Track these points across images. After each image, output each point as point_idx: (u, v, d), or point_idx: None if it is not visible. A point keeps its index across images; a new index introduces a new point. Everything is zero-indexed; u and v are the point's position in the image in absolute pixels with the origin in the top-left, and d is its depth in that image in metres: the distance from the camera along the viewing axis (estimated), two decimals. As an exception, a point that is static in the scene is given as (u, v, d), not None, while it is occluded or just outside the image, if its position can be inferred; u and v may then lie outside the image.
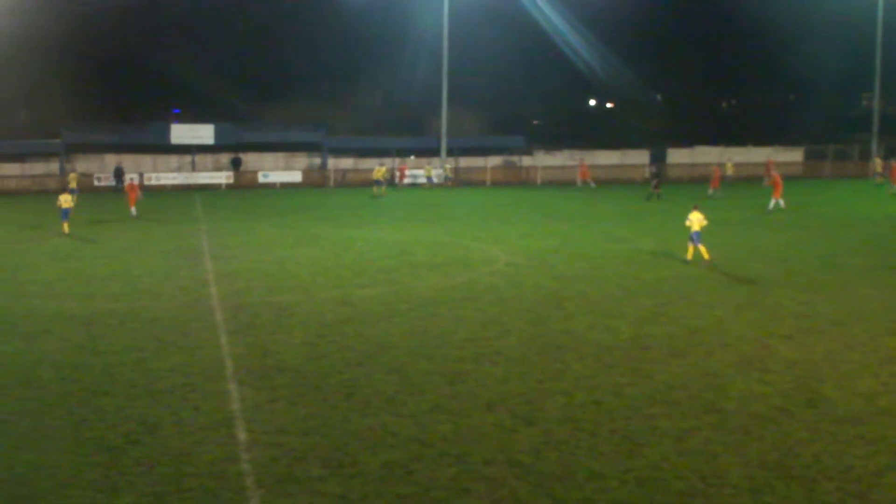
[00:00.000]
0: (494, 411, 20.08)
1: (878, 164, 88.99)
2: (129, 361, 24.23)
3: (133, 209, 61.15)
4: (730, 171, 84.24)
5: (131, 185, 64.59)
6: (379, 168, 79.72)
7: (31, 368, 23.62)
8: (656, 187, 70.99)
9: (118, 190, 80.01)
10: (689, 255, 39.50)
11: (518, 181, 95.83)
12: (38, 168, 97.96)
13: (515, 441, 18.40)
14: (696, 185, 78.05)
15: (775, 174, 59.79)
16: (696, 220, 39.31)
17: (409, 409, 20.16)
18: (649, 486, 16.33)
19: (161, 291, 34.27)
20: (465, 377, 22.60)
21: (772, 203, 58.06)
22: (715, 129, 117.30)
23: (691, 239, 39.40)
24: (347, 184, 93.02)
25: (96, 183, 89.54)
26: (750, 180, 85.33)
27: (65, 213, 50.47)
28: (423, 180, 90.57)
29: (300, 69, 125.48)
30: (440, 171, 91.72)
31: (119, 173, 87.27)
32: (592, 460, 17.40)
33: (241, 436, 18.57)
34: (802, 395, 21.07)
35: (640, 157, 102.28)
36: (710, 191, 70.12)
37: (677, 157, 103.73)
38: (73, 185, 71.84)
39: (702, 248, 39.06)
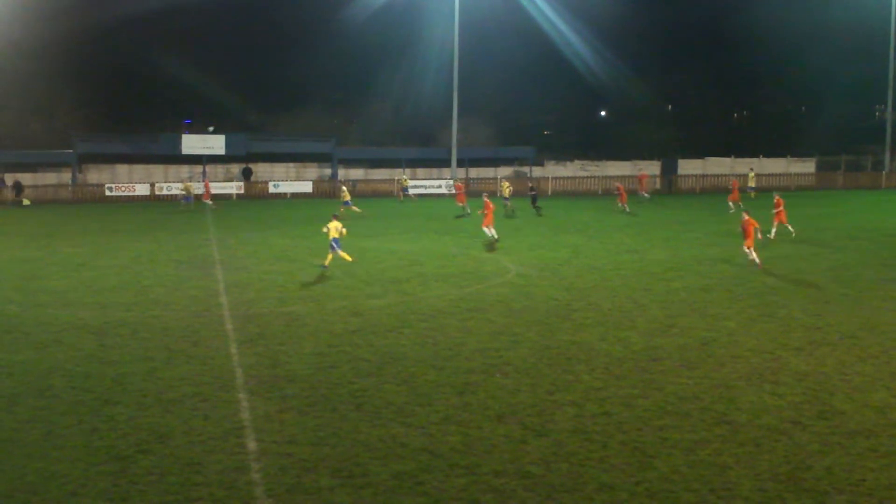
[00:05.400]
0: (504, 422, 20.04)
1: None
2: (140, 371, 24.24)
3: None
4: (752, 183, 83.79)
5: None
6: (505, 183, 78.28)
7: (44, 377, 23.64)
8: (534, 202, 70.55)
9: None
10: (328, 262, 41.18)
11: (528, 192, 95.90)
12: (49, 178, 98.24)
13: (525, 452, 18.35)
14: (707, 196, 77.94)
15: (777, 197, 53.04)
16: (333, 228, 41.08)
17: (419, 420, 20.12)
18: (660, 498, 16.27)
19: (172, 301, 34.30)
20: (475, 388, 22.55)
21: (773, 230, 50.70)
22: (726, 140, 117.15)
23: (332, 247, 41.11)
24: (357, 194, 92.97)
25: (108, 193, 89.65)
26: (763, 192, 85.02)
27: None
28: (434, 190, 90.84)
29: (310, 80, 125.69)
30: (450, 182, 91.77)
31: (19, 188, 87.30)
32: (603, 472, 17.35)
33: (252, 446, 18.56)
34: (814, 408, 20.98)
35: (650, 168, 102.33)
36: (731, 205, 68.64)
37: (688, 167, 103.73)
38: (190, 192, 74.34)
39: (343, 254, 41.25)
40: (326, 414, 20.52)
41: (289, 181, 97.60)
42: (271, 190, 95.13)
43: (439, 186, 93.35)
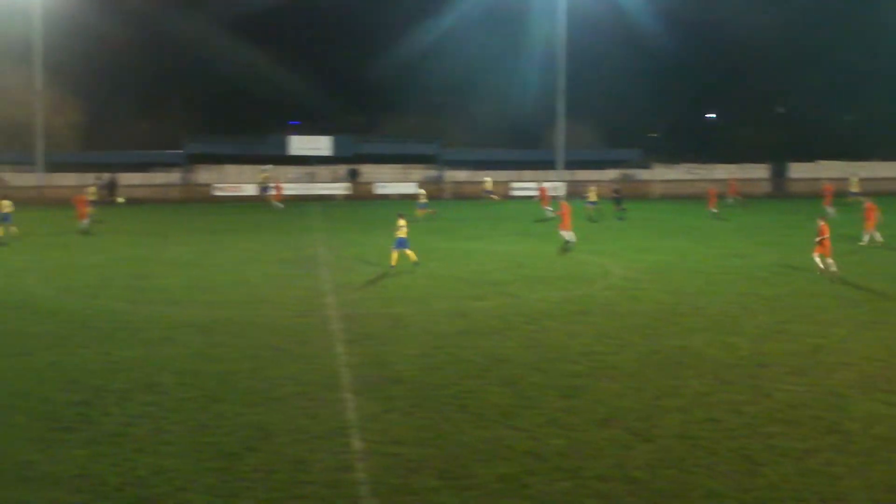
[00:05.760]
0: (609, 427, 19.86)
1: None
2: (246, 369, 24.46)
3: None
4: (855, 188, 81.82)
5: (79, 199, 62.47)
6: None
7: (153, 374, 23.97)
8: (618, 204, 70.06)
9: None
10: (394, 262, 41.19)
11: (635, 195, 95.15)
12: (159, 178, 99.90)
13: (630, 457, 18.17)
14: (818, 201, 76.61)
15: (868, 203, 50.09)
16: (400, 227, 41.57)
17: (524, 423, 20.02)
18: (768, 507, 16.03)
19: (278, 301, 34.61)
20: (580, 392, 22.39)
21: (866, 237, 49.53)
22: (838, 143, 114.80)
23: (397, 245, 41.37)
24: (462, 196, 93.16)
25: (215, 193, 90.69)
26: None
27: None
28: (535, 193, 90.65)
29: (417, 82, 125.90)
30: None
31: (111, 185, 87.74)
32: (710, 479, 17.11)
33: (357, 445, 18.60)
34: (928, 418, 20.52)
35: (759, 172, 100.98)
36: (829, 210, 66.96)
37: (799, 171, 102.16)
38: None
39: (409, 253, 41.41)
40: (431, 415, 20.51)
41: (394, 182, 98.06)
42: (377, 191, 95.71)
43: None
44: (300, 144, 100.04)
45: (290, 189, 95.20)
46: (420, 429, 19.57)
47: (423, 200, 69.76)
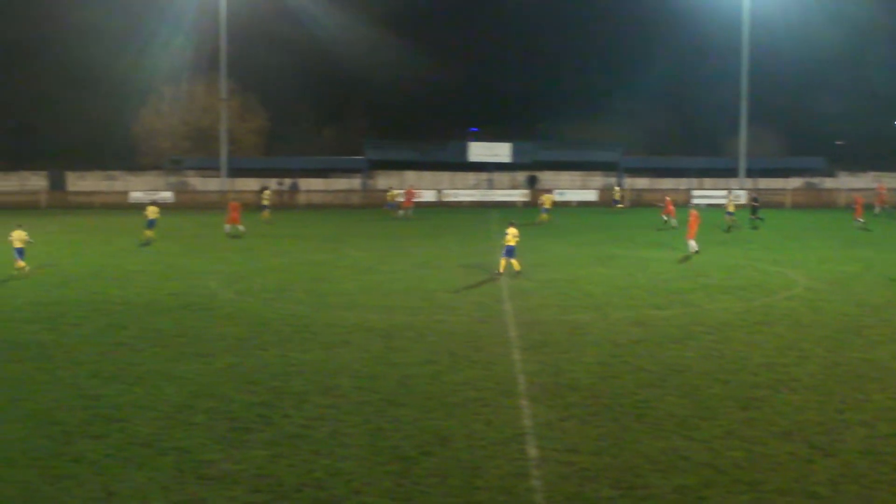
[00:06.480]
0: (790, 440, 19.42)
1: None
2: (424, 374, 24.63)
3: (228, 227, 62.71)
4: None
5: (233, 204, 64.72)
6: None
7: (331, 377, 24.30)
8: (754, 212, 68.68)
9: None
10: (502, 269, 41.89)
11: (819, 204, 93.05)
12: (340, 183, 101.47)
13: (812, 471, 17.73)
14: None
15: None
16: (511, 235, 42.14)
17: (702, 434, 19.72)
18: (958, 527, 15.48)
19: (456, 306, 34.79)
20: (761, 403, 21.96)
21: None
22: None
23: (505, 253, 42.10)
24: (642, 203, 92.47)
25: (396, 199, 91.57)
26: None
27: None
28: (721, 201, 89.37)
29: (598, 89, 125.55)
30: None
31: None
32: (894, 496, 16.60)
33: (532, 452, 18.56)
34: None
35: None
36: (877, 209, 65.29)
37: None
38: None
39: (514, 262, 41.97)
40: (608, 424, 20.36)
41: (574, 189, 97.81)
42: (556, 198, 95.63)
43: (725, 197, 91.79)
44: (480, 151, 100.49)
45: (468, 196, 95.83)
46: (596, 437, 19.44)
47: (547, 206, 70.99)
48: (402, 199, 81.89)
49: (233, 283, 40.99)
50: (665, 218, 69.02)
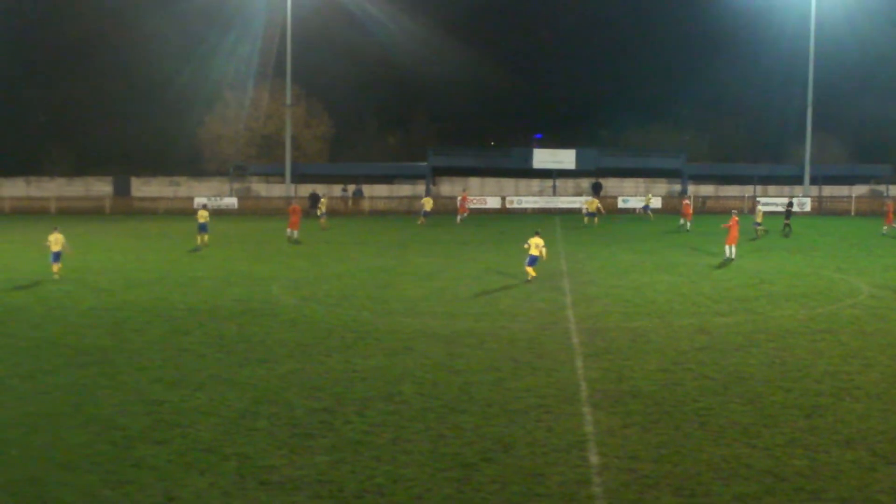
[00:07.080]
0: (853, 448, 19.21)
1: None
2: (486, 381, 24.60)
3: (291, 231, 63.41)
4: None
5: (294, 209, 65.48)
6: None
7: (393, 383, 24.34)
8: (787, 217, 68.65)
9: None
10: (530, 276, 42.51)
11: (882, 212, 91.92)
12: (404, 189, 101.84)
13: (875, 480, 17.52)
14: None
15: None
16: (533, 245, 42.51)
17: (764, 442, 19.55)
18: None
19: (519, 313, 34.73)
20: (824, 411, 21.74)
21: None
22: None
23: (529, 262, 42.59)
24: (706, 211, 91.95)
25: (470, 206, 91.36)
26: None
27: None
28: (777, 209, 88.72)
29: (662, 95, 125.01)
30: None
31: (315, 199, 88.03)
32: (962, 507, 16.38)
33: (594, 459, 18.49)
34: None
35: None
36: (885, 227, 64.77)
37: None
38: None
39: (529, 269, 42.61)
40: (670, 431, 20.24)
41: (638, 196, 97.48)
42: (619, 205, 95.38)
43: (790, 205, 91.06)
44: (544, 158, 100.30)
45: (532, 203, 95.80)
46: (658, 445, 19.34)
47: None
48: (429, 208, 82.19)
49: (296, 289, 41.18)
50: (682, 222, 69.15)
